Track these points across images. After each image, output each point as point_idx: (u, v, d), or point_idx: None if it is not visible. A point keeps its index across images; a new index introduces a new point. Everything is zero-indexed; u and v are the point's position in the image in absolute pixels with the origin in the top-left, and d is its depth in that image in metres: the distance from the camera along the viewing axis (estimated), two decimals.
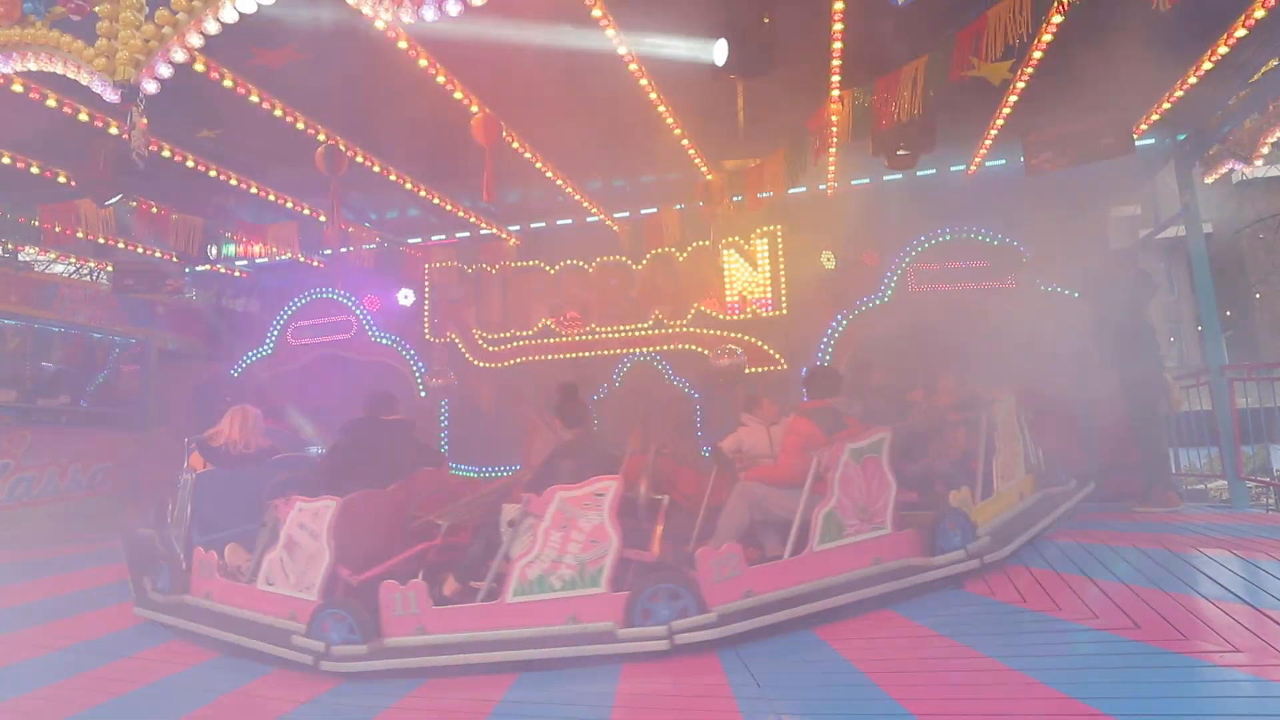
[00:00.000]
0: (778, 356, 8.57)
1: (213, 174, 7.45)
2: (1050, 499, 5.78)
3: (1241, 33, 5.31)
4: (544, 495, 4.33)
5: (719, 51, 4.82)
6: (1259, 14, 5.09)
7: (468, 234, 9.80)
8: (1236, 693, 2.87)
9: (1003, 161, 7.88)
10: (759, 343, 8.64)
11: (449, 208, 8.65)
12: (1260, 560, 4.23)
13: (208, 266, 10.12)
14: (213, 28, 4.30)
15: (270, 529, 4.85)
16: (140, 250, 9.38)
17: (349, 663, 4.09)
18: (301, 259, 9.74)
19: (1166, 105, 6.51)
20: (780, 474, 4.82)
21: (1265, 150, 6.60)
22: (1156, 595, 3.85)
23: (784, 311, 8.74)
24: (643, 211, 9.03)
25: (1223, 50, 5.55)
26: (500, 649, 4.05)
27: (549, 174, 7.63)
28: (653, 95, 6.11)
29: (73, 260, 11.30)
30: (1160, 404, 6.69)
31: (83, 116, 6.11)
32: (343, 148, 6.86)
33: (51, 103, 5.88)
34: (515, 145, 6.90)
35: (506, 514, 4.59)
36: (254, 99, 5.99)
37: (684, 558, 4.57)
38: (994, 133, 7.01)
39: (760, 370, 8.56)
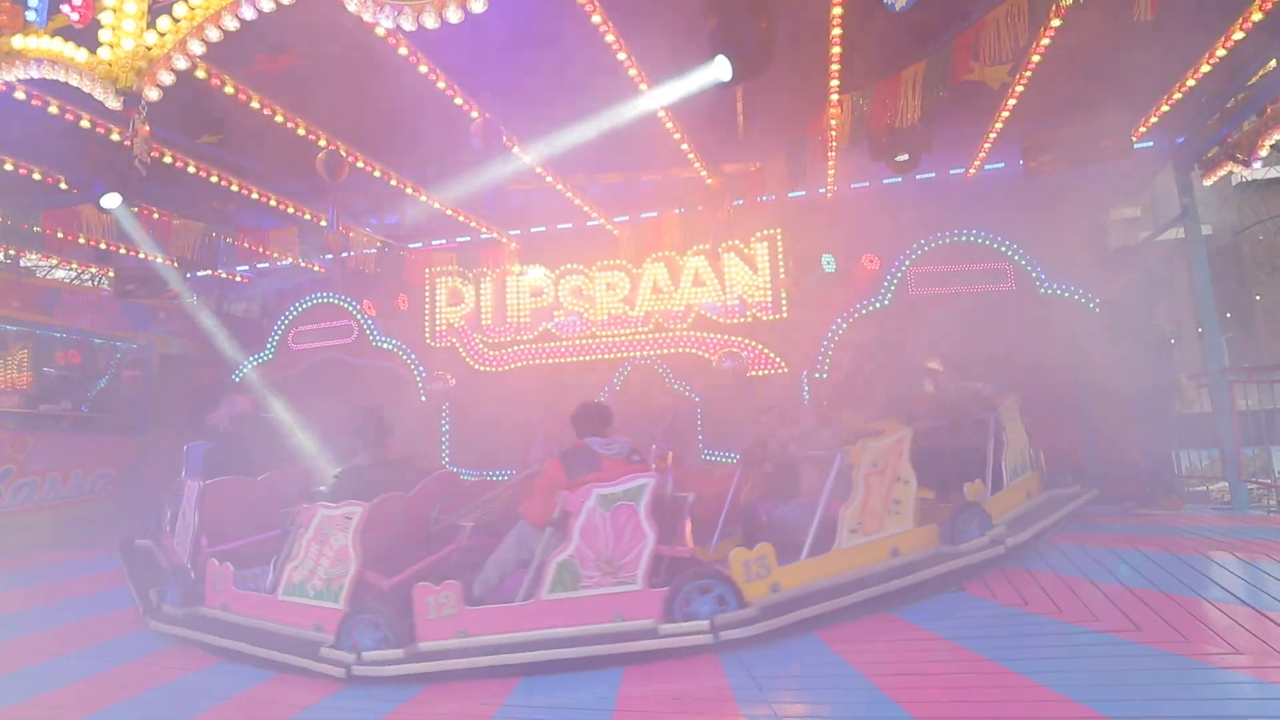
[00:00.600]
0: (778, 360, 8.57)
1: (214, 179, 7.48)
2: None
3: (1239, 35, 5.33)
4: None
5: (720, 68, 4.79)
6: (1256, 17, 5.11)
7: (468, 238, 9.82)
8: (1237, 694, 2.88)
9: (1002, 164, 7.89)
10: (760, 346, 8.65)
11: (449, 212, 8.67)
12: (1261, 562, 4.24)
13: (210, 271, 10.12)
14: (214, 35, 4.32)
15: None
16: (141, 256, 9.41)
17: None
18: (302, 264, 9.75)
19: (1165, 108, 6.53)
20: (530, 515, 4.59)
21: (1264, 152, 6.60)
22: (1157, 598, 3.85)
23: (784, 315, 8.74)
24: (643, 215, 9.05)
25: (1221, 53, 5.57)
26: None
27: (549, 178, 7.65)
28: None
29: (74, 266, 11.32)
30: (1172, 405, 6.71)
31: (85, 123, 6.13)
32: (343, 153, 6.88)
33: (53, 109, 5.90)
34: (515, 150, 6.92)
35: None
36: (255, 105, 6.01)
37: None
38: (993, 136, 7.02)
39: (761, 374, 8.57)
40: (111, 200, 6.14)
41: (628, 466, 4.49)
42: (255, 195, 7.98)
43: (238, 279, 10.92)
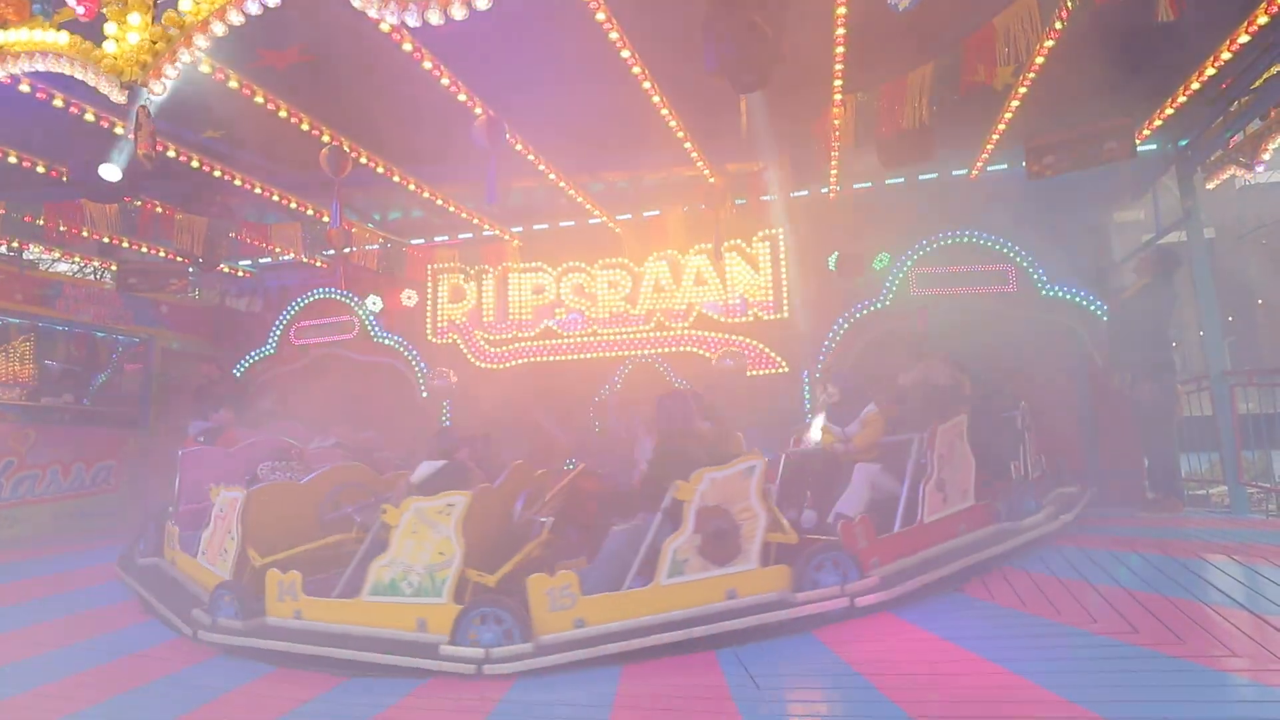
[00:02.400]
0: (779, 360, 8.57)
1: (218, 174, 7.49)
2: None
3: (1244, 39, 5.32)
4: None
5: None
6: (1262, 20, 5.10)
7: (470, 235, 9.84)
8: (1235, 697, 2.88)
9: (1005, 166, 7.90)
10: (761, 346, 8.65)
11: (452, 209, 8.68)
12: (1260, 566, 4.24)
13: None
14: (219, 29, 4.33)
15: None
16: (145, 250, 9.43)
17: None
18: (305, 259, 9.77)
19: (1169, 110, 6.53)
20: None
21: (1267, 156, 6.59)
22: (1155, 600, 3.86)
23: (785, 314, 8.75)
24: (645, 214, 9.06)
25: (1225, 56, 5.57)
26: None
27: (552, 176, 7.66)
28: (656, 99, 6.13)
29: (77, 259, 11.34)
30: (1175, 409, 6.70)
31: (89, 117, 6.14)
32: (346, 149, 6.89)
33: (58, 103, 5.91)
34: (519, 147, 6.93)
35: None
36: (259, 100, 6.02)
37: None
38: (996, 137, 7.02)
39: (762, 373, 8.58)
40: (111, 172, 6.05)
41: None
42: (258, 190, 8.00)
43: (240, 274, 10.94)
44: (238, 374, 9.81)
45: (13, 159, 6.98)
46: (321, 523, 5.35)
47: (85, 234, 8.36)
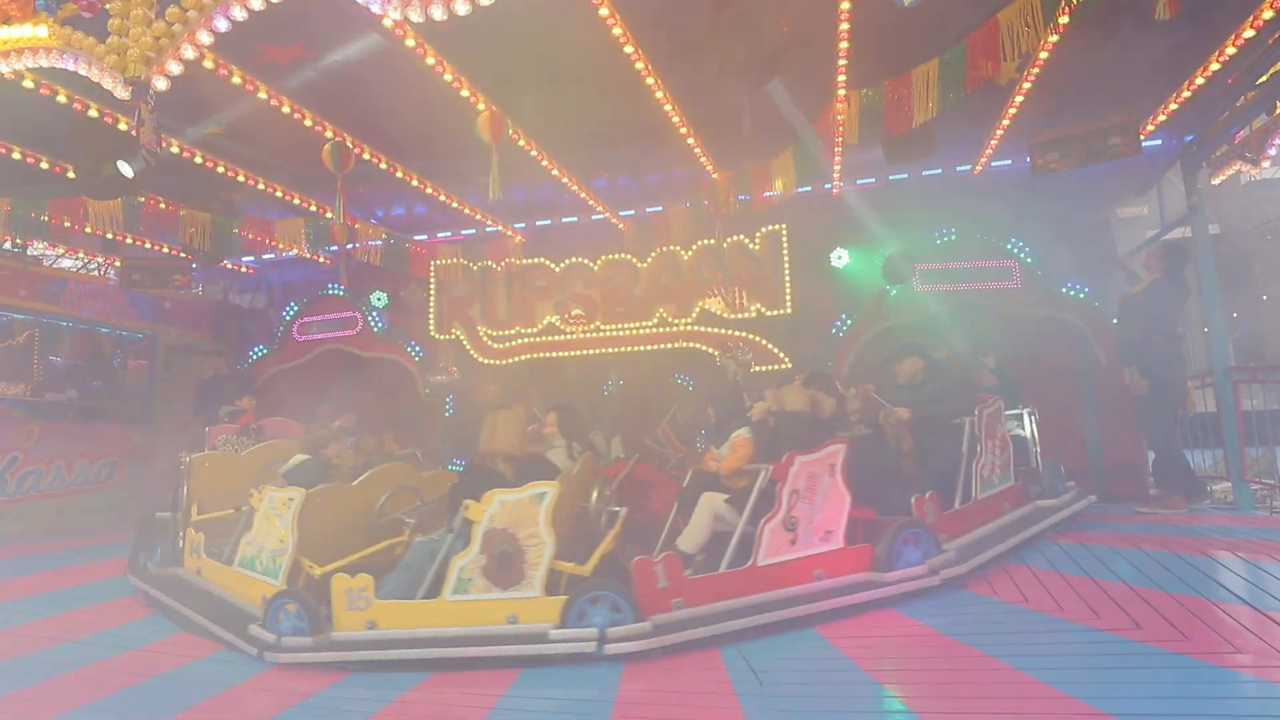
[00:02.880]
0: (783, 355, 8.57)
1: (220, 170, 7.49)
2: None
3: (1249, 34, 5.29)
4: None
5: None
6: (1267, 15, 5.08)
7: (473, 231, 9.83)
8: (1238, 694, 2.88)
9: (1009, 162, 7.87)
10: (764, 341, 8.65)
11: (455, 205, 8.68)
12: (1263, 562, 4.23)
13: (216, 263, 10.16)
14: (222, 25, 4.33)
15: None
16: (148, 245, 9.44)
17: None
18: (308, 255, 9.78)
19: (1174, 106, 6.50)
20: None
21: (1273, 152, 6.57)
22: (1158, 596, 3.85)
23: (789, 310, 8.74)
24: (648, 210, 9.05)
25: (1231, 51, 5.54)
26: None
27: (555, 171, 7.65)
28: (659, 94, 6.12)
29: (81, 255, 11.35)
30: (1178, 408, 6.69)
31: (93, 113, 6.15)
32: (349, 144, 6.89)
33: (62, 99, 5.92)
34: (521, 143, 6.92)
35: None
36: (262, 95, 6.02)
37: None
38: (1000, 133, 7.00)
39: (766, 369, 8.57)
40: (127, 167, 6.04)
41: None
42: (261, 186, 8.00)
43: (244, 269, 10.95)
44: (241, 369, 9.84)
45: (16, 155, 6.99)
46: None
47: (89, 230, 8.37)
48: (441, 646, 4.07)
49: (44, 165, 7.19)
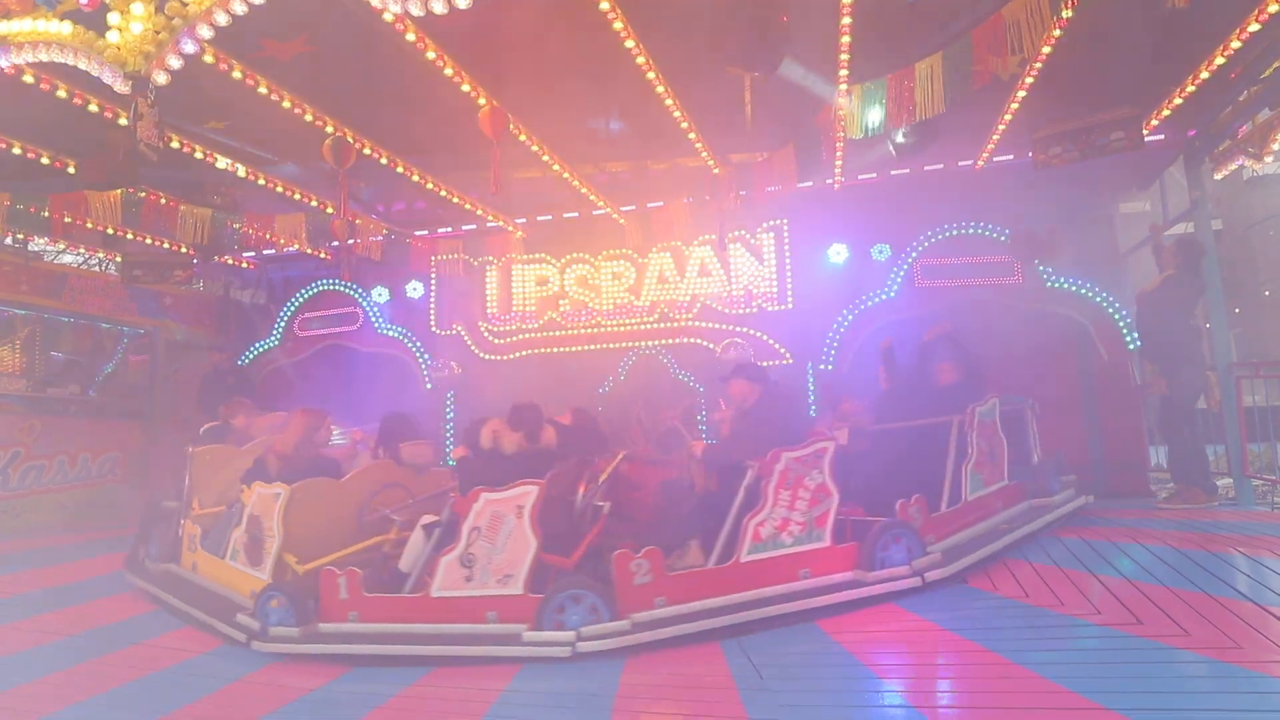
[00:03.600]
0: (784, 351, 8.56)
1: (221, 165, 7.48)
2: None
3: (1254, 27, 5.26)
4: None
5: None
6: (1272, 8, 5.05)
7: (474, 226, 9.81)
8: (1238, 688, 2.88)
9: (1011, 156, 7.84)
10: (765, 337, 8.64)
11: (455, 200, 8.67)
12: (1264, 558, 4.23)
13: (216, 258, 10.15)
14: (222, 19, 4.32)
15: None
16: (149, 241, 9.43)
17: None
18: (309, 250, 9.77)
19: (1177, 100, 6.47)
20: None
21: (1276, 147, 6.55)
22: (1159, 591, 3.85)
23: (790, 305, 8.74)
24: (649, 205, 9.03)
25: (1235, 45, 5.51)
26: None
27: (556, 166, 7.63)
28: (660, 89, 6.10)
29: (82, 250, 11.35)
30: (1199, 401, 6.69)
31: (93, 107, 6.14)
32: (350, 139, 6.88)
33: (62, 93, 5.90)
34: (522, 138, 6.90)
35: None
36: (262, 90, 6.00)
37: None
38: (1002, 127, 6.97)
39: (766, 365, 8.56)
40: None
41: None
42: (262, 181, 7.99)
43: (245, 265, 10.94)
44: (243, 363, 9.85)
45: (17, 150, 6.98)
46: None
47: (90, 226, 8.36)
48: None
49: (44, 160, 7.18)
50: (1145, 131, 6.53)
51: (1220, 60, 5.73)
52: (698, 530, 4.76)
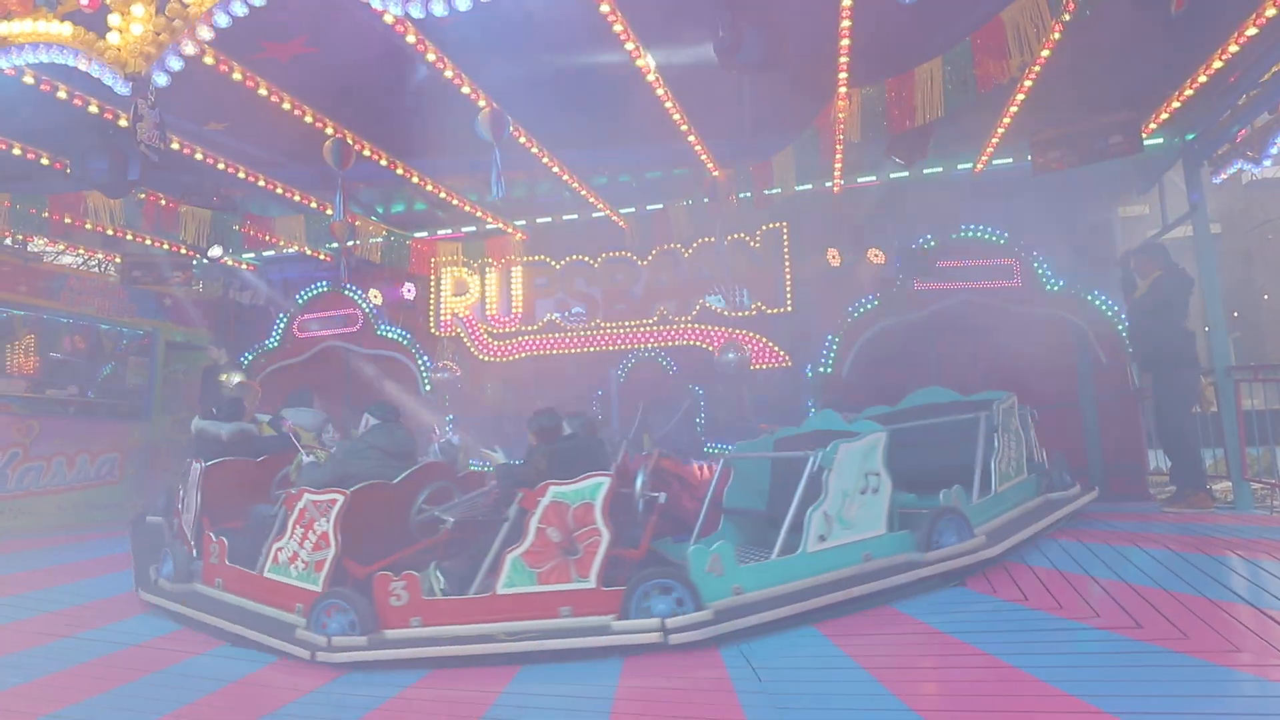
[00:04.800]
0: (782, 354, 8.57)
1: (221, 167, 7.48)
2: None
3: (1252, 31, 5.28)
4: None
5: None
6: (1270, 13, 5.06)
7: (474, 228, 9.83)
8: (1237, 692, 2.88)
9: (1009, 160, 7.86)
10: (764, 340, 8.65)
11: (455, 202, 8.68)
12: (1263, 561, 4.23)
13: (214, 260, 10.14)
14: (222, 21, 4.32)
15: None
16: (148, 242, 9.43)
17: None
18: (308, 252, 9.77)
19: (1176, 104, 6.49)
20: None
21: (1275, 150, 6.56)
22: (1158, 594, 3.85)
23: (789, 308, 8.75)
24: (649, 207, 9.05)
25: (1233, 49, 5.53)
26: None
27: (555, 169, 7.64)
28: (660, 92, 6.11)
29: (81, 251, 11.35)
30: (1194, 405, 6.69)
31: (93, 109, 6.14)
32: (350, 141, 6.88)
33: (62, 95, 5.91)
34: (522, 140, 6.91)
35: None
36: (262, 92, 6.01)
37: None
38: (1001, 131, 6.98)
39: (765, 367, 8.57)
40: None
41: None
42: (262, 183, 7.99)
43: (244, 266, 10.94)
44: (243, 362, 9.84)
45: (17, 151, 6.98)
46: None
47: (89, 227, 8.37)
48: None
49: (44, 161, 7.19)
50: (1144, 135, 6.55)
51: (1219, 64, 5.75)
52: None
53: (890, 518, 4.70)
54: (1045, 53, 5.48)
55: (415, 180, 7.98)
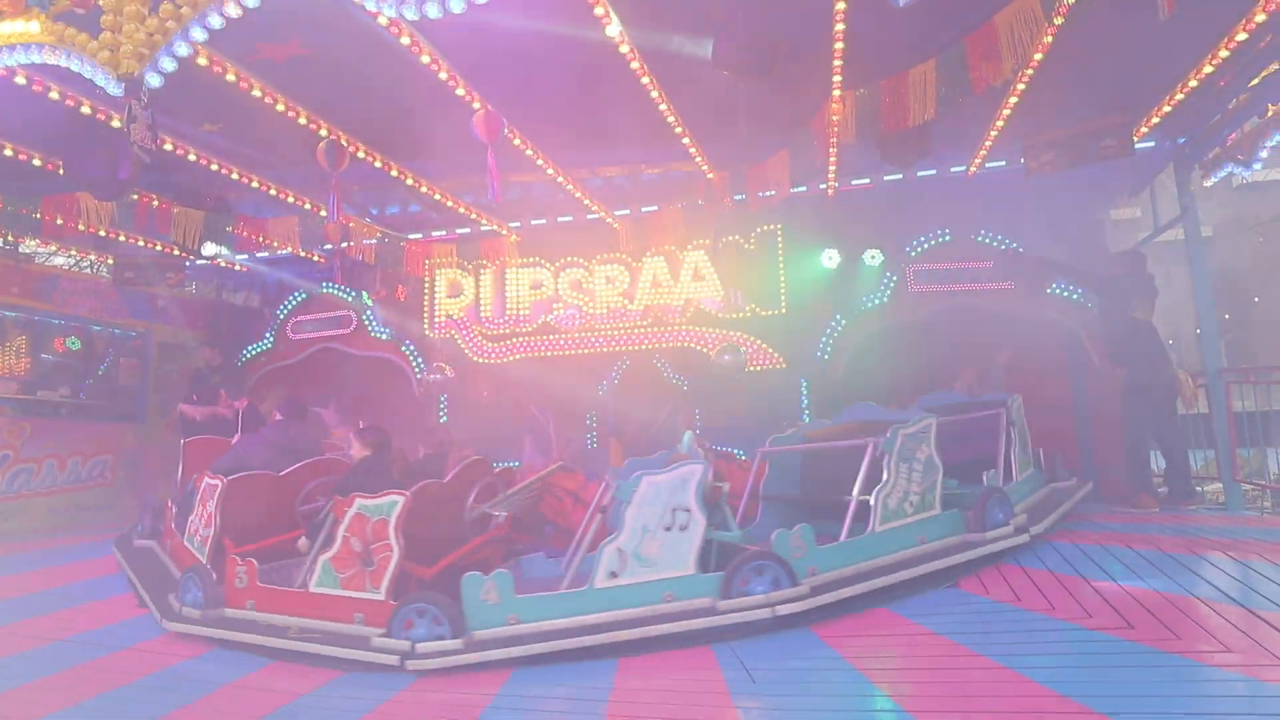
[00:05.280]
0: (777, 355, 8.58)
1: (214, 168, 7.46)
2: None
3: (1242, 36, 5.32)
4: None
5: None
6: (1259, 18, 5.10)
7: (468, 230, 9.81)
8: (1229, 692, 2.89)
9: (1003, 163, 7.89)
10: (758, 341, 8.66)
11: (450, 204, 8.67)
12: (1254, 562, 4.26)
13: (208, 260, 10.11)
14: (216, 22, 4.31)
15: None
16: (141, 243, 9.40)
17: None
18: (302, 253, 9.75)
19: (1167, 108, 6.53)
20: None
21: (1265, 154, 6.61)
22: (1150, 596, 3.87)
23: (783, 310, 8.76)
24: (644, 209, 9.05)
25: (1224, 54, 5.57)
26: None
27: (550, 171, 7.64)
28: (655, 94, 6.12)
29: (73, 253, 11.30)
30: (1174, 403, 6.68)
31: (85, 109, 6.11)
32: (344, 143, 6.87)
33: (54, 95, 5.88)
34: (517, 142, 6.91)
35: None
36: (256, 93, 5.99)
37: None
38: (994, 134, 7.02)
39: (759, 369, 8.58)
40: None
41: None
42: (255, 184, 7.97)
43: (237, 267, 10.91)
44: (235, 365, 9.81)
45: (9, 152, 6.95)
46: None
47: (82, 228, 8.32)
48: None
49: (36, 162, 7.15)
50: (1135, 139, 6.59)
51: (1209, 68, 5.79)
52: None
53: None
54: (1038, 56, 5.51)
55: (410, 182, 7.96)
